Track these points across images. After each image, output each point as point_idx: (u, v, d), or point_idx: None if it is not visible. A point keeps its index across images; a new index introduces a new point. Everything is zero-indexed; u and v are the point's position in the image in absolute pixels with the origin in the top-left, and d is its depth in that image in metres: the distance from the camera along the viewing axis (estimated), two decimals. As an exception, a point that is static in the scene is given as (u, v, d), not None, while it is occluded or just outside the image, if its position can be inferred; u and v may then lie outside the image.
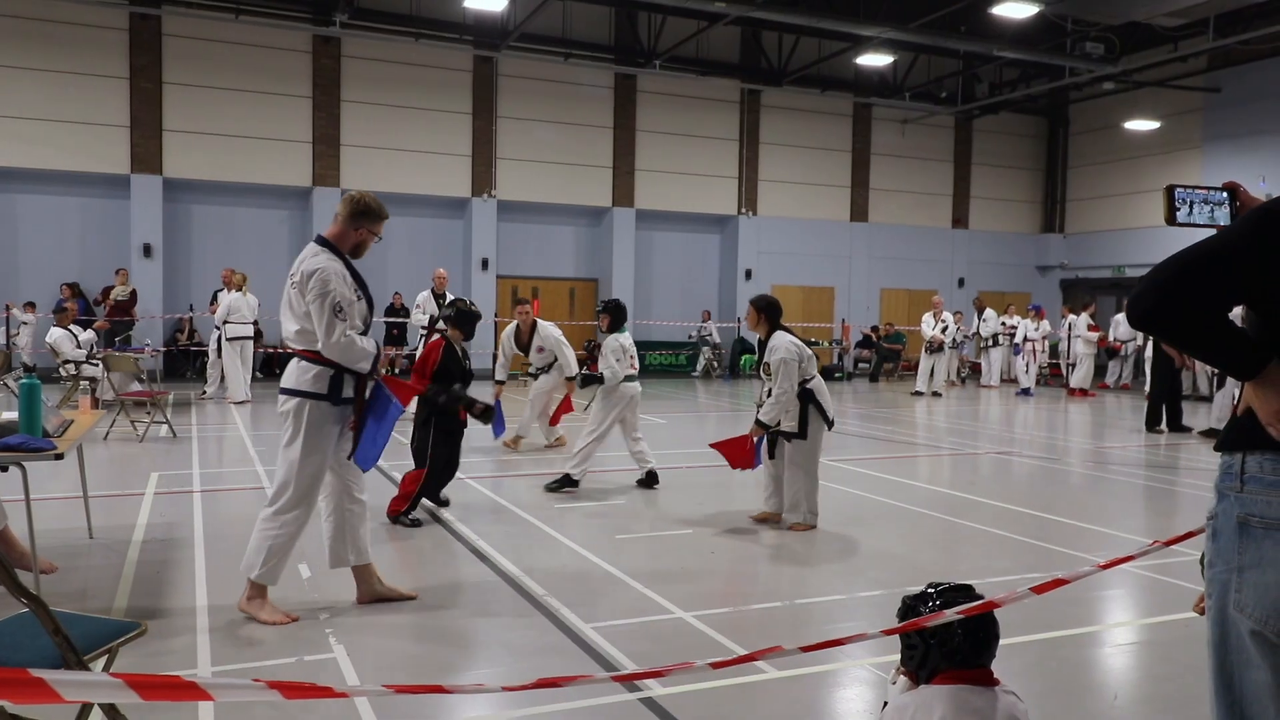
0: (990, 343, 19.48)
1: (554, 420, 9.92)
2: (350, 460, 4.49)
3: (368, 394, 4.43)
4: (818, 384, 6.41)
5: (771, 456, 6.55)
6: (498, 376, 10.01)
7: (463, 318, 6.70)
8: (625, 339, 7.61)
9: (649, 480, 7.79)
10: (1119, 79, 20.51)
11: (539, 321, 9.75)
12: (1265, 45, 18.24)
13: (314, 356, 4.28)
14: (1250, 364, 1.80)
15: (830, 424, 6.46)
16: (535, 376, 9.98)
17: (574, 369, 9.59)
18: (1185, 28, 18.03)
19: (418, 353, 12.10)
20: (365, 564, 4.61)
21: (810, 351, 6.43)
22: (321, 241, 4.39)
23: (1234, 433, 1.89)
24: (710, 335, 21.14)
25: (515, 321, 9.96)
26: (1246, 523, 1.83)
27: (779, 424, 6.32)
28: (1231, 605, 1.85)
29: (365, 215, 4.40)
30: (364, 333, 4.39)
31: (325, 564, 5.51)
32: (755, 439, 6.38)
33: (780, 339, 6.38)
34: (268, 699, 1.41)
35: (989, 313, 19.56)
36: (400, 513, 6.35)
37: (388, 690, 1.54)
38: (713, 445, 6.73)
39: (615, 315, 7.72)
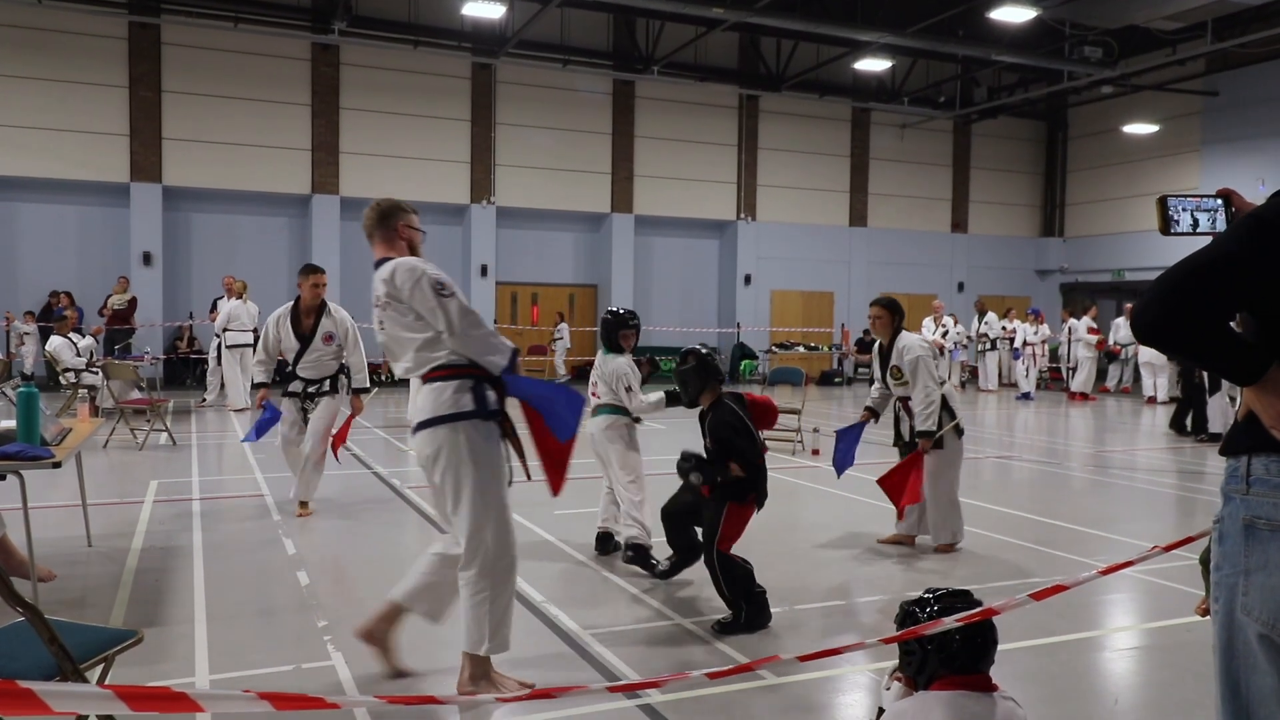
0: (990, 346, 19.46)
1: (335, 446, 7.10)
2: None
3: (512, 397, 3.76)
4: (947, 388, 5.97)
5: None
6: (258, 378, 6.90)
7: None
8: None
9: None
10: (1117, 83, 20.53)
11: (330, 303, 6.95)
12: (1263, 48, 18.27)
13: (444, 372, 3.65)
14: (1251, 369, 1.80)
15: (960, 430, 6.03)
16: (305, 393, 6.92)
17: (366, 378, 7.05)
18: (1183, 31, 18.06)
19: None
20: (408, 611, 3.91)
21: (938, 352, 6.07)
22: (382, 263, 3.84)
23: (1239, 436, 1.89)
24: (561, 338, 19.88)
25: (289, 304, 6.96)
26: (1253, 525, 1.82)
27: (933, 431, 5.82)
28: (1239, 609, 1.84)
29: (391, 213, 3.91)
30: None
31: (324, 571, 5.51)
32: (924, 453, 5.81)
33: (911, 338, 5.96)
34: (260, 710, 1.41)
35: (990, 316, 19.55)
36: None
37: (381, 701, 1.54)
38: (880, 482, 6.02)
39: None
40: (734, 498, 4.58)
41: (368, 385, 7.11)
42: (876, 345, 6.24)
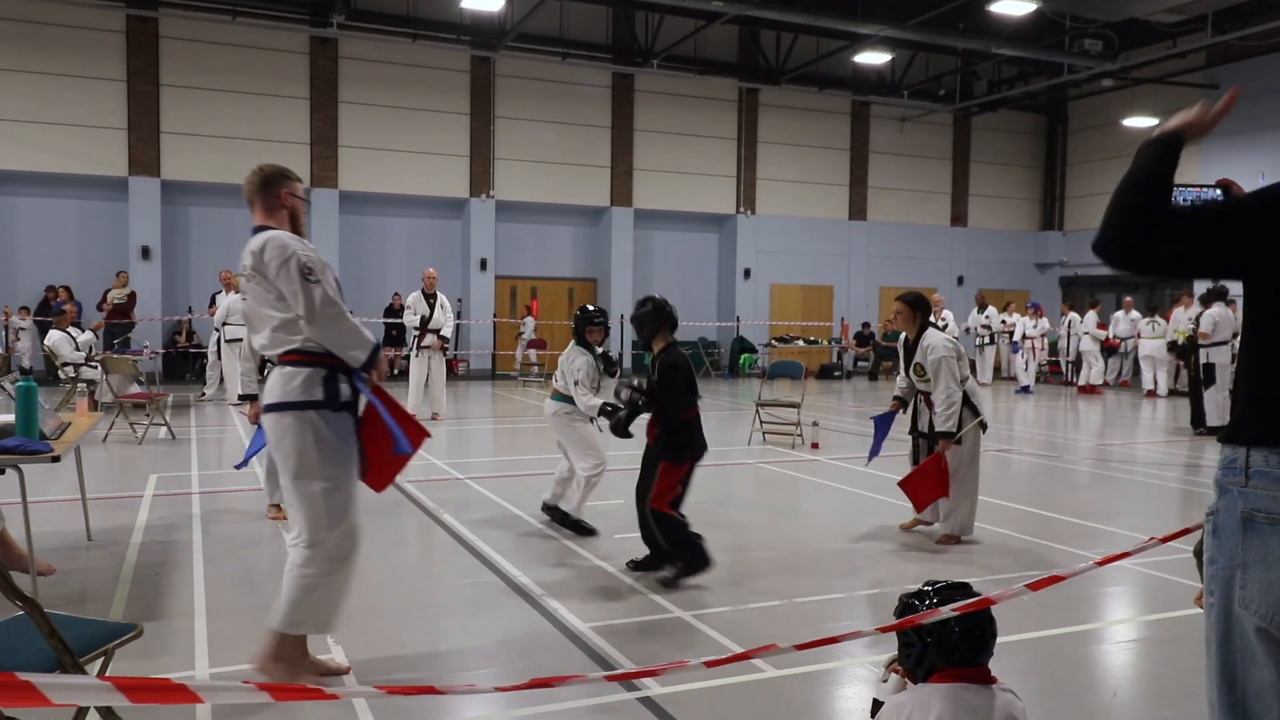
0: (989, 340, 19.40)
1: None
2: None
3: (361, 404, 3.67)
4: (970, 385, 6.08)
5: (915, 463, 6.28)
6: (249, 389, 6.25)
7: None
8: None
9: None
10: (1117, 76, 20.50)
11: None
12: (1263, 41, 18.23)
13: (298, 357, 3.57)
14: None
15: (984, 426, 6.15)
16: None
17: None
18: (1183, 24, 18.02)
19: (413, 355, 12.26)
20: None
21: (963, 350, 6.12)
22: (258, 230, 3.73)
23: (1237, 427, 1.88)
24: (523, 333, 19.28)
25: None
26: (1251, 518, 1.81)
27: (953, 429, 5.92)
28: (1236, 602, 1.82)
29: (275, 179, 3.81)
30: None
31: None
32: (945, 452, 5.89)
33: (935, 337, 6.04)
34: (259, 700, 1.40)
35: (990, 309, 19.49)
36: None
37: (379, 692, 1.54)
38: (902, 485, 6.16)
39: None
40: (669, 458, 5.00)
41: None
42: (902, 339, 6.31)
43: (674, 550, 5.00)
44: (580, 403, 6.09)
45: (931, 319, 6.32)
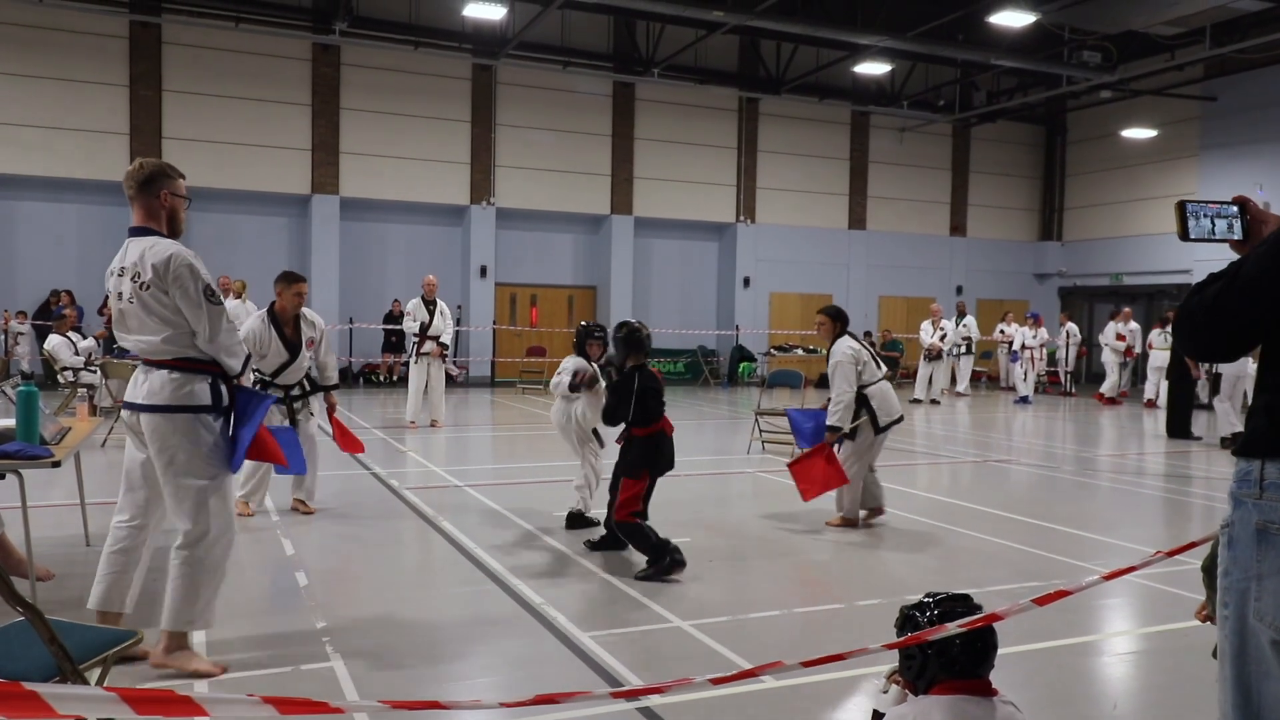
0: (965, 350, 19.18)
1: (354, 448, 7.26)
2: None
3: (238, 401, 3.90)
4: (876, 390, 6.59)
5: None
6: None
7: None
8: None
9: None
10: (1116, 87, 20.55)
11: (305, 309, 6.88)
12: (1261, 54, 18.30)
13: (187, 364, 3.74)
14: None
15: (878, 429, 6.59)
16: (289, 398, 6.74)
17: (336, 376, 7.21)
18: (1182, 36, 18.08)
19: (412, 361, 12.24)
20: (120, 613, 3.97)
21: (867, 356, 6.58)
22: (142, 232, 3.75)
23: (1253, 439, 1.88)
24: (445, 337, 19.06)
25: (264, 310, 6.77)
26: (1266, 530, 1.81)
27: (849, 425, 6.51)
28: (1251, 614, 1.82)
29: (157, 177, 3.75)
30: None
31: (322, 572, 5.51)
32: (831, 444, 6.45)
33: (839, 345, 6.61)
34: (264, 714, 1.41)
35: (968, 319, 19.24)
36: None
37: (384, 706, 1.54)
38: (790, 466, 6.66)
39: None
40: (627, 474, 5.44)
41: (337, 383, 7.26)
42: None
43: (644, 550, 5.36)
44: (554, 383, 6.67)
45: (851, 329, 6.92)
